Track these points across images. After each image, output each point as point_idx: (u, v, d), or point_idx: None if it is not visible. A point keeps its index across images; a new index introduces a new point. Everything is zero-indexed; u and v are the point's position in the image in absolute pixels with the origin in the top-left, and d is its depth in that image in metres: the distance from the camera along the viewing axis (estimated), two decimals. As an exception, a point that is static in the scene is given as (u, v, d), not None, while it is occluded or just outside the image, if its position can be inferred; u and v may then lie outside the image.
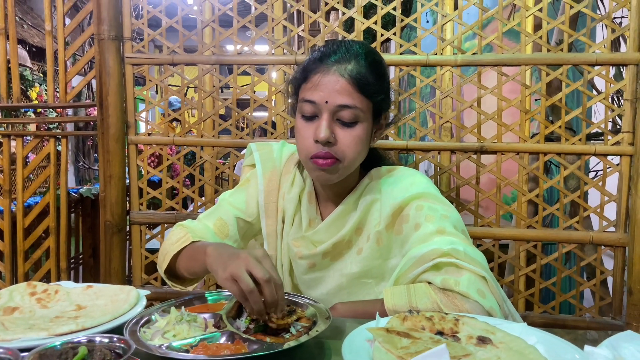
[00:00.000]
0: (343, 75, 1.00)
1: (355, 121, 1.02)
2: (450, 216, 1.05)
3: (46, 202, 1.79)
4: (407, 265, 0.99)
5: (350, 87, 1.00)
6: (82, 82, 1.76)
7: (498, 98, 1.54)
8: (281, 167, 1.22)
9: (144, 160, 1.72)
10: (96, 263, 2.88)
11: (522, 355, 0.72)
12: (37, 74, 7.05)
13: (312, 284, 1.16)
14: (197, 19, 1.66)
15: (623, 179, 1.48)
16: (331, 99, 1.00)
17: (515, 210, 1.56)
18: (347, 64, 1.01)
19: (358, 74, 1.01)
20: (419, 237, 1.02)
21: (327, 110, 1.01)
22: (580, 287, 1.55)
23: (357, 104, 1.01)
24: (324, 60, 1.03)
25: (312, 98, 1.01)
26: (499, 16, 1.51)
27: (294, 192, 1.17)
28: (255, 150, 1.25)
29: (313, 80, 1.02)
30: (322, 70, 1.02)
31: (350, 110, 1.01)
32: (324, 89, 1.00)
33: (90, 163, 8.22)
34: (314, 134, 1.01)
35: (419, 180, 1.11)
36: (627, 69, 1.47)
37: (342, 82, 1.00)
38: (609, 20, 1.48)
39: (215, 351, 0.74)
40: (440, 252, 0.96)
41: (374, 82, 1.03)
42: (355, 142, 1.03)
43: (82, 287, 1.02)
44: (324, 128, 1.00)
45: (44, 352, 0.64)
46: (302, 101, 1.04)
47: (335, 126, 1.02)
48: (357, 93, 1.01)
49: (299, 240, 1.15)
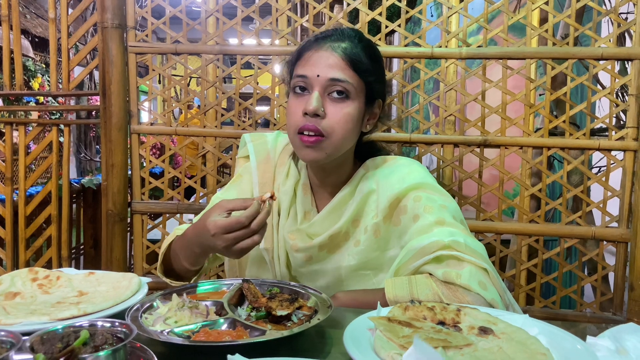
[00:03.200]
0: (335, 51, 1.02)
1: (347, 97, 1.02)
2: (449, 206, 1.04)
3: (48, 190, 1.79)
4: (408, 256, 0.99)
5: (343, 63, 1.01)
6: (84, 71, 1.76)
7: (502, 92, 1.53)
8: (276, 159, 1.21)
9: (146, 150, 1.72)
10: (97, 253, 2.89)
11: (524, 345, 0.72)
12: (40, 65, 7.04)
13: (310, 276, 1.15)
14: (200, 9, 1.66)
15: (627, 175, 1.47)
16: (323, 72, 1.01)
17: (518, 205, 1.55)
18: (341, 42, 1.03)
19: (351, 51, 1.02)
20: (418, 228, 1.01)
21: (319, 84, 1.01)
22: (581, 282, 1.54)
23: (348, 78, 1.01)
24: (318, 39, 1.05)
25: (304, 72, 1.02)
26: (504, 9, 1.50)
27: (289, 183, 1.16)
28: (249, 142, 1.23)
29: (306, 57, 1.04)
30: (316, 46, 1.03)
31: (341, 84, 1.01)
32: (316, 64, 1.02)
33: (91, 155, 8.22)
34: (304, 107, 1.01)
35: (415, 170, 1.10)
36: (633, 63, 1.46)
37: (335, 57, 1.01)
38: (615, 15, 1.47)
39: (217, 337, 0.74)
40: (441, 244, 0.95)
41: (366, 62, 1.04)
42: (345, 118, 1.02)
43: (84, 273, 1.02)
44: (314, 99, 1.00)
45: (46, 335, 0.64)
46: (295, 77, 1.04)
47: (325, 101, 1.02)
48: (349, 69, 1.02)
49: (294, 233, 1.14)
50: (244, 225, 0.90)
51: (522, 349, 0.70)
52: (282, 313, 0.82)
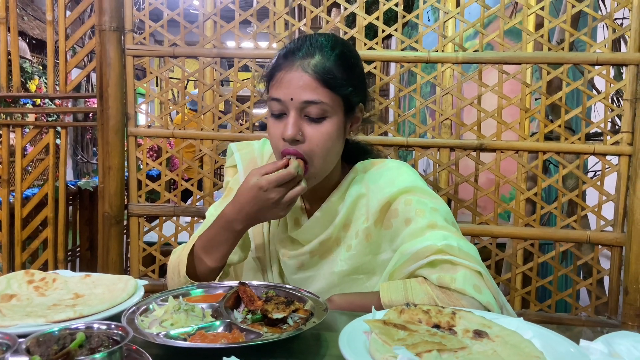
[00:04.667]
0: (306, 71, 0.99)
1: (324, 116, 1.00)
2: (440, 209, 1.04)
3: (44, 192, 1.78)
4: (401, 261, 0.99)
5: (315, 82, 0.98)
6: (82, 73, 1.76)
7: (498, 96, 1.54)
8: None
9: (143, 153, 1.72)
10: (93, 256, 2.88)
11: (518, 349, 0.72)
12: (37, 67, 7.03)
13: (303, 283, 1.13)
14: (198, 13, 1.66)
15: (621, 179, 1.48)
16: (296, 95, 0.98)
17: (514, 209, 1.56)
18: (311, 59, 1.00)
19: (322, 68, 0.99)
20: (411, 232, 1.01)
21: (294, 107, 0.99)
22: (576, 286, 1.55)
23: (322, 99, 0.99)
24: (288, 56, 1.02)
25: (278, 95, 1.00)
26: (500, 14, 1.51)
27: None
28: (235, 151, 1.22)
29: (277, 78, 1.01)
30: (286, 67, 1.00)
31: (316, 105, 0.99)
32: (289, 86, 0.99)
33: (88, 157, 8.21)
34: (282, 132, 1.00)
35: (405, 172, 1.09)
36: (628, 69, 1.47)
37: (306, 78, 0.98)
38: (610, 20, 1.48)
39: (213, 340, 0.74)
40: (435, 249, 0.95)
41: (340, 76, 1.01)
42: (325, 138, 1.01)
43: (80, 276, 1.01)
44: (290, 125, 0.98)
45: (42, 337, 0.64)
46: (270, 100, 1.03)
47: (303, 123, 1.00)
48: (323, 88, 0.99)
49: (285, 241, 1.14)
50: (293, 175, 0.96)
51: (516, 352, 0.71)
52: (278, 316, 0.82)
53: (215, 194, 1.76)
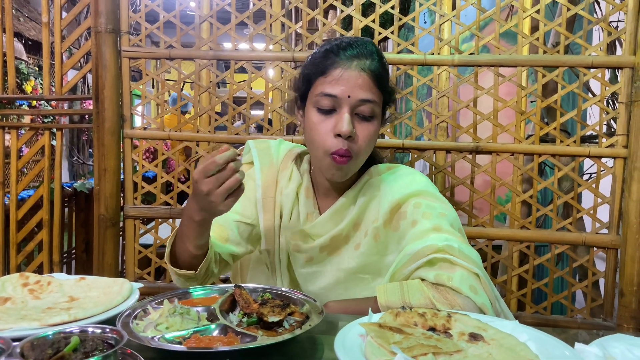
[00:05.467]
0: (364, 70, 1.03)
1: (372, 116, 1.05)
2: (448, 214, 1.06)
3: (40, 194, 1.78)
4: (403, 261, 1.00)
5: (371, 83, 1.03)
6: (77, 75, 1.75)
7: (494, 99, 1.54)
8: (278, 164, 1.22)
9: (139, 155, 1.72)
10: (89, 258, 2.87)
11: (513, 352, 0.72)
12: (33, 68, 7.00)
13: (310, 278, 1.17)
14: (194, 14, 1.66)
15: (616, 181, 1.49)
16: (354, 93, 1.02)
17: (509, 211, 1.56)
18: (366, 60, 1.04)
19: (376, 69, 1.04)
20: (415, 233, 1.03)
21: (348, 105, 1.02)
22: (572, 288, 1.56)
23: (375, 98, 1.04)
24: (341, 54, 1.04)
25: (334, 92, 1.02)
26: (496, 17, 1.52)
27: (291, 187, 1.18)
28: (253, 147, 1.25)
29: (334, 74, 1.03)
30: (343, 64, 1.03)
31: (370, 104, 1.03)
32: (346, 83, 1.02)
33: (84, 158, 8.18)
34: (335, 128, 1.02)
35: (418, 178, 1.13)
36: (623, 72, 1.48)
37: (364, 77, 1.03)
38: (606, 23, 1.49)
39: (208, 343, 0.74)
40: (435, 248, 0.97)
41: (386, 78, 1.07)
42: (371, 137, 1.06)
43: (75, 279, 1.01)
44: (347, 122, 1.01)
45: (36, 341, 0.64)
46: (321, 95, 1.04)
47: (354, 121, 1.03)
48: (376, 88, 1.04)
49: (296, 234, 1.16)
50: (219, 165, 0.87)
51: (512, 355, 0.71)
52: (274, 319, 0.82)
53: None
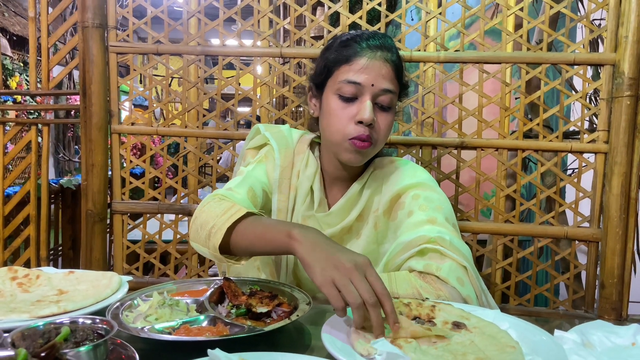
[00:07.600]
0: (388, 61, 1.07)
1: (390, 106, 1.08)
2: (444, 208, 1.09)
3: (26, 190, 1.77)
4: (395, 250, 1.03)
5: (392, 74, 1.07)
6: (64, 70, 1.74)
7: (479, 95, 1.57)
8: (294, 146, 1.23)
9: (126, 150, 1.72)
10: (76, 254, 2.86)
11: (495, 339, 0.74)
12: (18, 64, 6.91)
13: None
14: (182, 10, 1.66)
15: (597, 176, 1.52)
16: (377, 82, 1.05)
17: (494, 205, 1.59)
18: (389, 52, 1.08)
19: (397, 61, 1.09)
20: (410, 224, 1.06)
21: (370, 93, 1.05)
22: (554, 281, 1.59)
23: (395, 89, 1.08)
24: (366, 43, 1.07)
25: (358, 80, 1.05)
26: (481, 14, 1.54)
27: (310, 171, 1.19)
28: (265, 131, 1.25)
29: (360, 62, 1.06)
30: (368, 54, 1.06)
31: (390, 95, 1.07)
32: (371, 72, 1.05)
33: (70, 155, 8.10)
34: (358, 115, 1.04)
35: (420, 172, 1.17)
36: (604, 69, 1.51)
37: (388, 68, 1.06)
38: (588, 21, 1.52)
39: (197, 333, 0.76)
40: (427, 238, 1.00)
41: (403, 72, 1.12)
42: (388, 126, 1.09)
43: (64, 272, 1.02)
44: (369, 110, 1.04)
45: (27, 331, 0.65)
46: (345, 82, 1.06)
47: (374, 109, 1.06)
48: (396, 80, 1.08)
49: (309, 219, 1.18)
50: (375, 302, 0.74)
51: (493, 342, 0.73)
52: (262, 310, 0.84)
53: (199, 191, 1.76)
